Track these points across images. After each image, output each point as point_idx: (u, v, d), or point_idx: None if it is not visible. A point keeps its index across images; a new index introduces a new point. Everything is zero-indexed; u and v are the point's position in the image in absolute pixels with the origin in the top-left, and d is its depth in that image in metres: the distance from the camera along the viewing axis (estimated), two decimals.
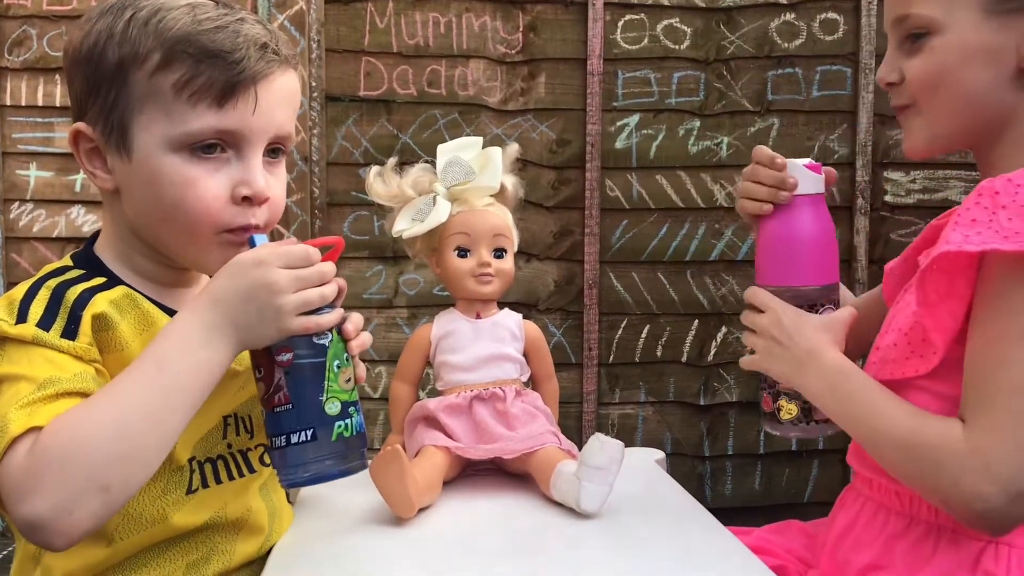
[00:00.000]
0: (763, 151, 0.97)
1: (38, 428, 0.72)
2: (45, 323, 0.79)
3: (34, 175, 2.36)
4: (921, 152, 0.95)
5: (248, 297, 0.78)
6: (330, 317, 0.81)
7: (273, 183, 0.87)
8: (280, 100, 0.86)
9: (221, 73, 0.81)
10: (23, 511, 0.70)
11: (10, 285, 2.35)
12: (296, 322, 0.79)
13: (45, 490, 0.70)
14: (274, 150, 0.88)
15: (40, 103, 2.34)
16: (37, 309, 0.80)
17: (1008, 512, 0.81)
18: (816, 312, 0.96)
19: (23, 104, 2.34)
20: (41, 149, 2.35)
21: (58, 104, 2.34)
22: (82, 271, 0.87)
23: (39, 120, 2.35)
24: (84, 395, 0.76)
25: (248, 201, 0.84)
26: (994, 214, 0.82)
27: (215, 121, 0.82)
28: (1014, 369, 0.80)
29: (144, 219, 0.86)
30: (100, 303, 0.83)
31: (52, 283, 0.83)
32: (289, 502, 1.04)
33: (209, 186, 0.83)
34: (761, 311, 0.97)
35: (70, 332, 0.80)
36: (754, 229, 1.01)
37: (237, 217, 0.84)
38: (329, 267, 0.82)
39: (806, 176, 0.96)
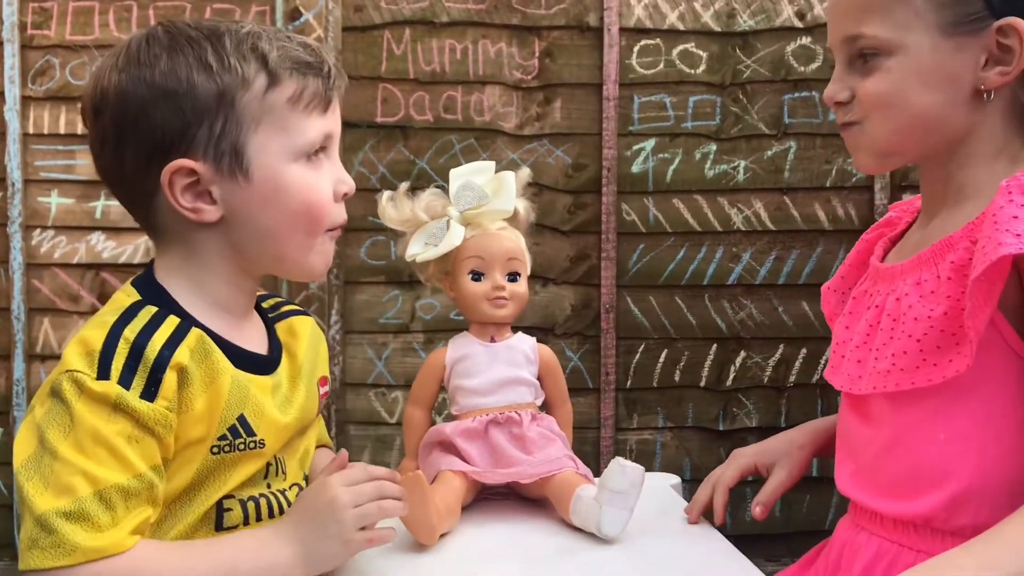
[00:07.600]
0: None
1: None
2: (125, 381, 0.78)
3: (55, 202, 2.39)
4: (875, 168, 0.95)
5: (314, 516, 0.85)
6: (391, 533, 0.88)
7: None
8: None
9: (322, 83, 0.89)
10: None
11: (31, 311, 2.37)
12: (358, 536, 0.86)
13: None
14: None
15: (62, 131, 2.37)
16: (118, 365, 0.79)
17: None
18: None
19: (45, 132, 2.38)
20: (62, 176, 2.38)
21: (79, 132, 2.37)
22: (154, 309, 0.84)
23: (60, 148, 2.39)
24: (154, 501, 0.80)
25: (344, 197, 0.93)
26: None
27: (323, 126, 0.89)
28: None
29: (262, 236, 0.88)
30: (182, 355, 0.82)
31: (129, 335, 0.80)
32: None
33: (324, 187, 0.90)
34: None
35: (149, 394, 0.79)
36: None
37: (337, 215, 0.93)
38: (390, 485, 0.89)
39: None
